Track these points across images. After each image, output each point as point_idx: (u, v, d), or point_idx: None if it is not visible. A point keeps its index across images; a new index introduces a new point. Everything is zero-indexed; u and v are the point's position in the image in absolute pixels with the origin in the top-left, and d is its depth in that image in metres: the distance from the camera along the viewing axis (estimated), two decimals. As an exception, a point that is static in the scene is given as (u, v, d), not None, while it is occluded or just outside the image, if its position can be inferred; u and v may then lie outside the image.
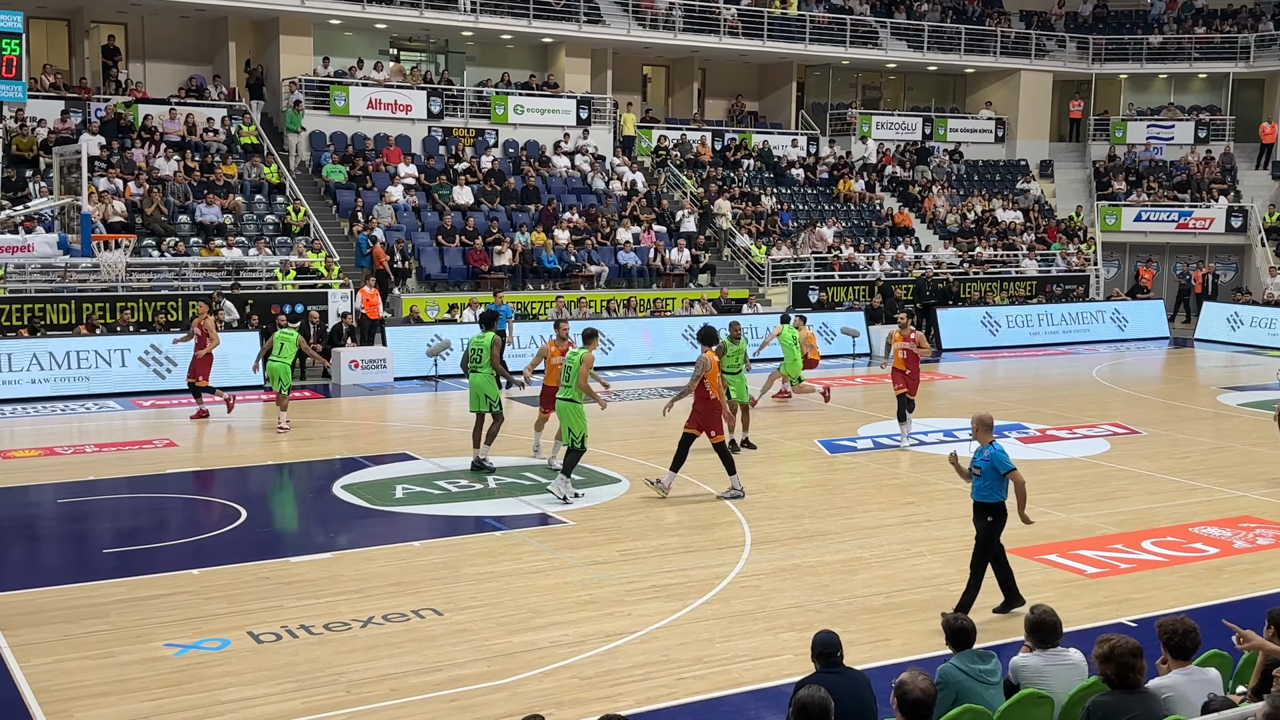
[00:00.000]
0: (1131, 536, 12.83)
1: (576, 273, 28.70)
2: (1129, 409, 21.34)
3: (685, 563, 11.84)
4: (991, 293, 32.62)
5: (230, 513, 13.60)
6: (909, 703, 5.87)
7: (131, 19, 31.46)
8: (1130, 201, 38.58)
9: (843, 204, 36.24)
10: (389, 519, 13.42)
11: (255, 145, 29.76)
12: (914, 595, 10.87)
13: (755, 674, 9.04)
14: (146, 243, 25.08)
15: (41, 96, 27.93)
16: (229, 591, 10.82)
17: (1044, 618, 7.05)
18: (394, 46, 35.09)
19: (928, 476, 15.58)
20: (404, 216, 28.71)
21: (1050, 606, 7.25)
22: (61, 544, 12.89)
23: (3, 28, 15.30)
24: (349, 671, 9.01)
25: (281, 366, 17.90)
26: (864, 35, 39.09)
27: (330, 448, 17.42)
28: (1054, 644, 7.02)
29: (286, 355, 17.91)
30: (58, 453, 16.72)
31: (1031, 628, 7.05)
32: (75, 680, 8.81)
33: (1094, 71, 42.08)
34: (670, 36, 35.64)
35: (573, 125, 34.05)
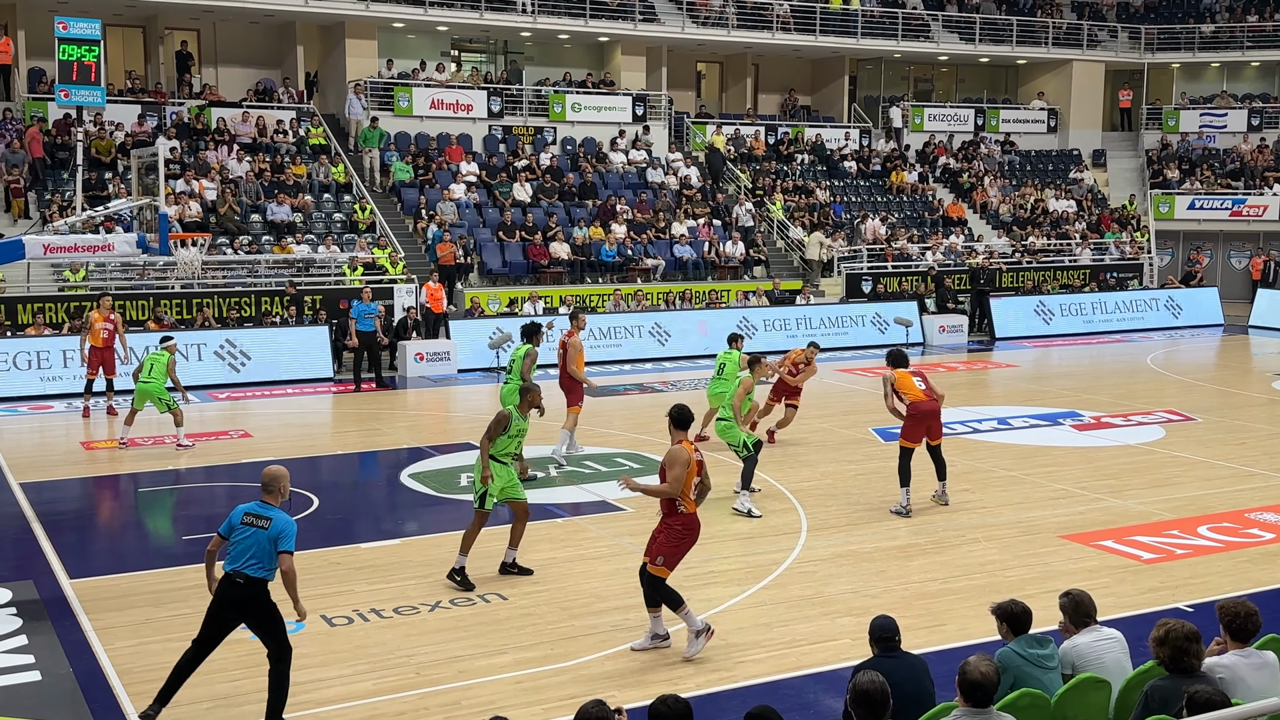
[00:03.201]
0: (1188, 522, 12.88)
1: (633, 266, 28.99)
2: (1184, 396, 21.28)
3: (742, 549, 12.05)
4: (1045, 282, 32.52)
5: (302, 500, 13.97)
6: (967, 684, 5.91)
7: (204, 25, 32.24)
8: (1183, 190, 38.27)
9: (895, 195, 36.25)
10: (454, 506, 13.74)
11: (323, 146, 30.37)
12: (969, 581, 10.99)
13: (814, 658, 9.18)
14: (220, 241, 25.76)
15: (119, 101, 28.72)
16: (302, 576, 10.88)
17: (1079, 598, 7.13)
18: (455, 48, 35.58)
19: (982, 463, 15.70)
20: (466, 213, 29.18)
21: (1079, 587, 7.34)
22: (143, 531, 13.31)
23: (81, 35, 15.76)
24: (418, 654, 9.27)
25: (154, 387, 16.55)
26: (916, 28, 39.01)
27: (397, 438, 17.83)
28: (1090, 623, 7.07)
29: (157, 375, 16.57)
30: (139, 443, 17.17)
31: (1068, 610, 7.12)
32: (157, 662, 9.05)
33: (1146, 61, 41.71)
34: (724, 33, 35.80)
35: (629, 122, 34.32)
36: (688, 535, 9.33)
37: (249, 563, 7.92)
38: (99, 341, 19.03)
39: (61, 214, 22.52)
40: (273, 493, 8.15)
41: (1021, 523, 12.98)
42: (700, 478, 9.36)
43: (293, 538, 8.03)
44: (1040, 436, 17.65)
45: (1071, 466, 15.65)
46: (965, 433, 17.81)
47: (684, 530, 9.30)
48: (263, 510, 8.06)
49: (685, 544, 9.34)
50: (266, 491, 8.15)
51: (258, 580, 7.96)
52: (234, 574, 7.96)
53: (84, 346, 19.13)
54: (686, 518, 9.29)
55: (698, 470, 9.32)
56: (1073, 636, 7.07)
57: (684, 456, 9.20)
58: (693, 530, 9.35)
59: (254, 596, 7.98)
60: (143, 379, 16.69)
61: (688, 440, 9.43)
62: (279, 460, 16.00)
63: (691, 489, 9.28)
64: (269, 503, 8.12)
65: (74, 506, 14.18)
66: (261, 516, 8.02)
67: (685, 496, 9.25)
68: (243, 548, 7.94)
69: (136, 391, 16.82)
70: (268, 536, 7.93)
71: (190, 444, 16.90)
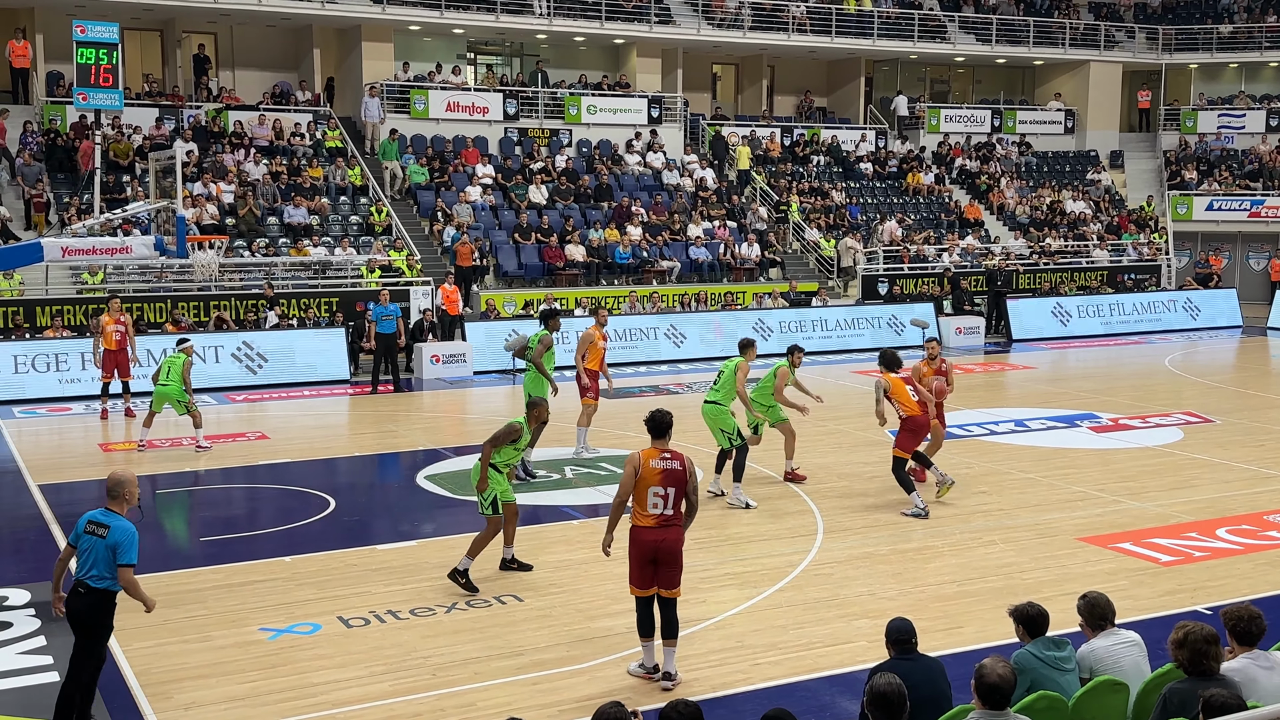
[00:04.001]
0: (1206, 525, 12.82)
1: (649, 268, 29.00)
2: (1202, 398, 21.20)
3: (759, 551, 12.04)
4: (1062, 283, 32.42)
5: (320, 502, 14.05)
6: (985, 686, 5.90)
7: (221, 29, 32.40)
8: (1201, 191, 38.11)
9: (911, 197, 36.18)
10: (471, 508, 13.66)
11: (340, 149, 30.47)
12: (986, 583, 10.97)
13: (830, 660, 9.17)
14: (238, 243, 25.86)
15: (137, 104, 28.89)
16: (319, 578, 11.20)
17: (1094, 600, 7.10)
18: (471, 50, 35.66)
19: (999, 465, 15.65)
20: (482, 215, 29.23)
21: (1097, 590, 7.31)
22: (161, 533, 13.32)
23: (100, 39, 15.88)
24: (434, 655, 9.29)
25: (172, 390, 16.54)
26: (932, 29, 38.95)
27: (413, 439, 17.87)
28: (1107, 625, 7.05)
29: (174, 378, 16.56)
30: (156, 445, 17.26)
31: (1084, 613, 7.10)
32: (175, 663, 9.16)
33: (1164, 61, 41.57)
34: (739, 35, 35.80)
35: (644, 124, 34.34)
36: (634, 550, 8.71)
37: (89, 572, 7.69)
38: (111, 344, 19.11)
39: (80, 217, 22.65)
40: (117, 499, 7.85)
41: (1039, 525, 12.94)
42: (667, 489, 8.63)
43: (132, 548, 7.69)
44: (1058, 438, 17.59)
45: (1089, 468, 15.59)
46: (982, 435, 17.77)
47: (632, 544, 8.73)
48: (103, 518, 7.77)
49: (634, 559, 8.71)
50: (111, 498, 7.86)
51: (99, 591, 7.70)
52: (78, 583, 7.73)
53: (97, 350, 19.25)
54: (633, 530, 8.70)
55: (662, 481, 8.64)
56: (1090, 640, 7.05)
57: (634, 461, 8.69)
58: (639, 545, 8.65)
59: (93, 606, 7.71)
60: (160, 382, 16.71)
61: (655, 448, 8.77)
62: (298, 462, 16.21)
63: (648, 499, 8.65)
64: (113, 509, 7.82)
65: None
66: (101, 525, 7.73)
67: (637, 507, 8.68)
68: (84, 557, 7.73)
69: (155, 394, 16.85)
70: (105, 545, 7.65)
71: (209, 445, 16.94)
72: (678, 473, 8.65)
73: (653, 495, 8.61)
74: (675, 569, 8.74)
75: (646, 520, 8.65)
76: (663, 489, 8.61)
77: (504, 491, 10.95)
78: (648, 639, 8.80)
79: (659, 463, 8.66)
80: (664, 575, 8.70)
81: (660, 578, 8.71)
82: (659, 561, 8.67)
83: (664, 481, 8.62)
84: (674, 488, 8.64)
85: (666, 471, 8.64)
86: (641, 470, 8.63)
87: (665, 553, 8.67)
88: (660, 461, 8.66)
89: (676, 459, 8.71)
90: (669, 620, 8.75)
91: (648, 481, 8.62)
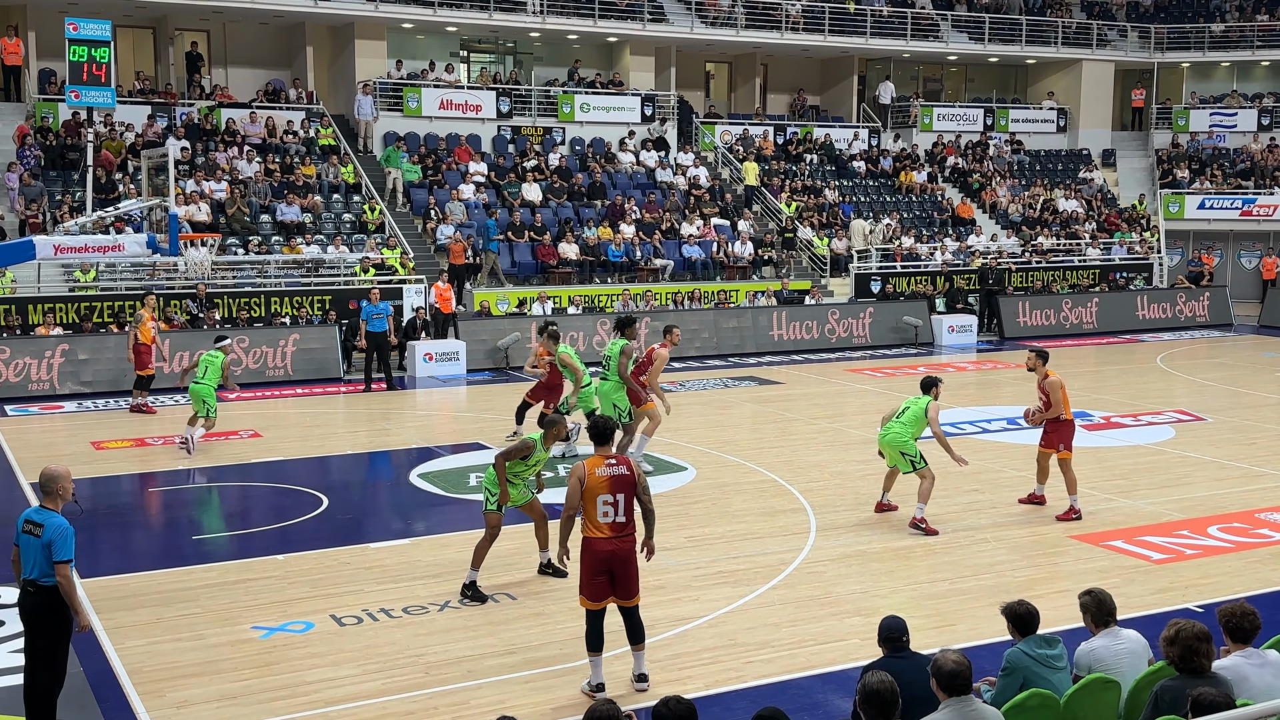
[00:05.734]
0: (1197, 523, 12.86)
1: (642, 267, 29.01)
2: (1194, 396, 21.25)
3: (751, 549, 12.05)
4: (1054, 281, 32.47)
5: (312, 500, 14.05)
6: (945, 676, 5.99)
7: (213, 26, 32.34)
8: (1193, 189, 38.20)
9: (904, 195, 36.23)
10: (463, 506, 13.76)
11: (333, 146, 30.44)
12: (978, 581, 10.99)
13: (822, 658, 9.20)
14: (230, 241, 25.83)
15: (129, 102, 28.80)
16: (312, 576, 11.21)
17: (1101, 597, 7.14)
18: (464, 48, 35.64)
19: (991, 464, 15.67)
20: (475, 213, 29.21)
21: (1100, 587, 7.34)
22: (153, 531, 13.35)
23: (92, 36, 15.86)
24: (427, 653, 9.30)
25: (206, 389, 16.63)
26: (925, 28, 38.99)
27: (406, 438, 17.86)
28: (1111, 623, 7.09)
29: (211, 378, 16.71)
30: (148, 443, 17.28)
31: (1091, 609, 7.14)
32: (168, 661, 9.17)
33: (1156, 60, 41.66)
34: (733, 33, 35.81)
35: (637, 122, 34.35)
36: (587, 561, 8.47)
37: (33, 572, 7.63)
38: (148, 338, 19.48)
39: (72, 215, 22.61)
40: (50, 494, 7.77)
41: (1031, 523, 12.97)
42: (616, 496, 8.42)
43: (68, 545, 7.58)
44: (1050, 437, 17.59)
45: (1081, 466, 15.47)
46: (975, 433, 17.80)
47: (585, 555, 8.49)
48: (38, 516, 7.69)
49: (587, 570, 8.47)
50: (44, 494, 7.80)
51: (47, 588, 7.62)
52: (26, 583, 7.68)
53: (131, 343, 19.48)
54: (586, 541, 8.46)
55: (610, 488, 8.42)
56: (1093, 638, 7.07)
57: (578, 471, 8.49)
58: (593, 557, 8.41)
59: (41, 605, 7.64)
60: (196, 379, 16.81)
61: (599, 455, 8.62)
62: (291, 460, 16.22)
63: (598, 508, 8.42)
64: (47, 507, 7.74)
65: (85, 508, 14.18)
66: (36, 524, 7.64)
67: (588, 519, 8.44)
68: (26, 557, 7.68)
69: (190, 392, 16.94)
70: (41, 544, 7.57)
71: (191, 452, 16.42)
72: (625, 478, 8.50)
73: (603, 504, 8.41)
74: (631, 578, 8.54)
75: (600, 531, 8.43)
76: (612, 496, 8.42)
77: (519, 498, 10.84)
78: (596, 654, 8.54)
79: (605, 470, 8.48)
80: (621, 587, 8.51)
81: (617, 589, 8.51)
82: (614, 573, 8.47)
83: (612, 488, 8.44)
84: (623, 493, 8.47)
85: (614, 478, 8.47)
86: (587, 479, 8.44)
87: (620, 563, 8.47)
88: (606, 469, 8.49)
89: (622, 464, 8.58)
90: (634, 627, 8.61)
91: (595, 490, 8.42)
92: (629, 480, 8.49)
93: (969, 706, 5.96)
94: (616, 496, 8.44)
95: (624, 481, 8.48)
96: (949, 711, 5.95)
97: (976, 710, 5.99)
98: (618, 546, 8.45)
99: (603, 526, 8.43)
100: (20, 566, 7.81)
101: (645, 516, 8.65)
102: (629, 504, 8.50)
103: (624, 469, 8.52)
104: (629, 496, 8.50)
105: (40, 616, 7.68)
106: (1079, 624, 9.42)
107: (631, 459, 8.86)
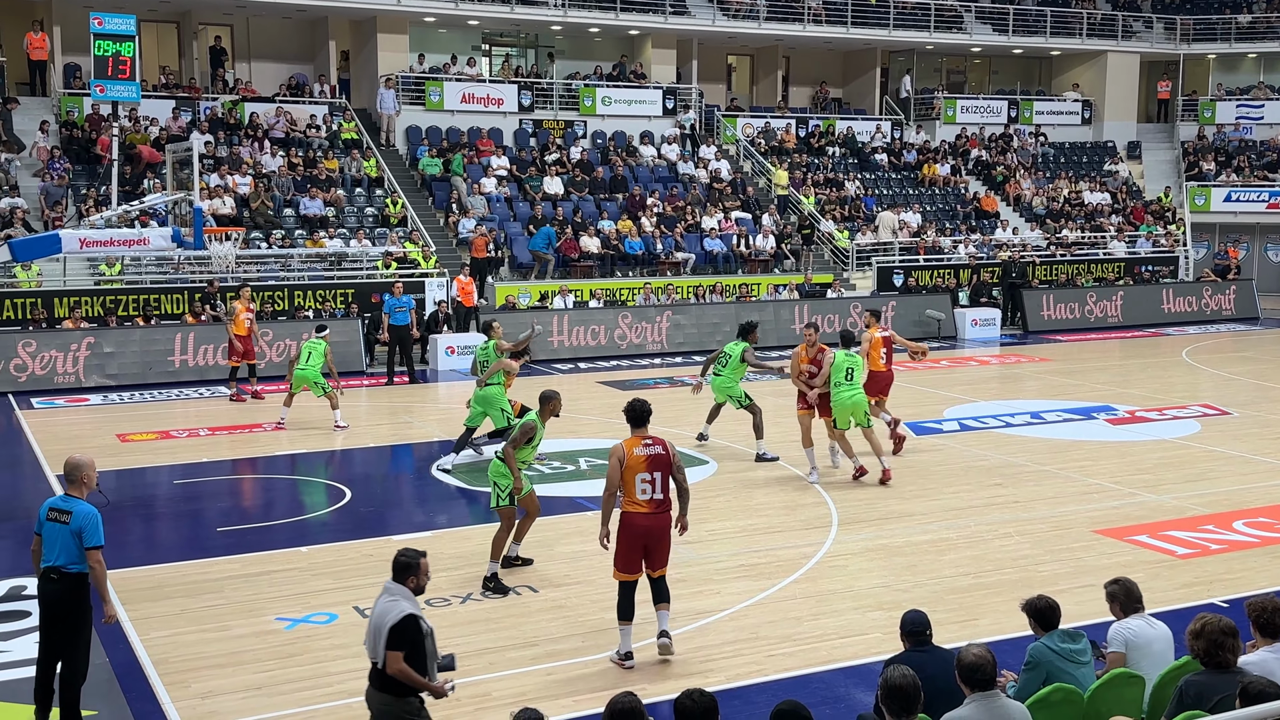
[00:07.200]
0: (1223, 517, 12.80)
1: (663, 260, 28.99)
2: (1219, 390, 21.12)
3: (773, 543, 12.05)
4: (1079, 275, 32.31)
5: (335, 493, 14.13)
6: (966, 668, 5.96)
7: (237, 20, 32.50)
8: (1220, 182, 37.90)
9: (927, 188, 36.08)
10: (485, 499, 13.76)
11: (355, 140, 30.52)
12: (1002, 576, 10.96)
13: (844, 652, 9.18)
14: (254, 235, 25.93)
15: (153, 97, 29.00)
16: (335, 568, 11.26)
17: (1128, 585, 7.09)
18: (486, 42, 35.69)
19: (1014, 458, 15.62)
20: (496, 207, 29.25)
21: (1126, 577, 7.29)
22: (178, 523, 13.43)
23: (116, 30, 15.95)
24: (449, 645, 9.16)
25: (310, 373, 17.52)
26: (949, 20, 38.82)
27: (428, 431, 17.92)
28: (1141, 609, 7.05)
29: (314, 364, 17.53)
30: (173, 436, 17.39)
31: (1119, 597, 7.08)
32: (192, 652, 9.23)
33: (1182, 52, 41.34)
34: (754, 26, 35.74)
35: (659, 115, 34.33)
36: (625, 535, 8.92)
37: (59, 559, 7.71)
38: (242, 330, 19.92)
39: (96, 209, 22.73)
40: (75, 483, 7.87)
41: (1054, 517, 12.92)
42: (653, 474, 8.86)
43: (97, 531, 7.71)
44: (1074, 431, 17.55)
45: (1105, 461, 15.56)
46: (998, 427, 17.73)
47: (622, 530, 8.94)
48: (64, 504, 7.79)
49: (624, 544, 8.92)
50: (69, 483, 7.89)
51: (73, 575, 7.70)
52: (49, 570, 7.74)
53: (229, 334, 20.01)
54: (625, 516, 8.91)
55: (648, 466, 8.86)
56: (1126, 619, 7.02)
57: (618, 452, 8.92)
58: (631, 531, 8.87)
59: (69, 591, 7.72)
60: (300, 365, 17.54)
61: (636, 436, 9.00)
62: (314, 453, 16.29)
63: (636, 486, 8.85)
64: (73, 495, 7.85)
65: (110, 498, 14.27)
66: (63, 511, 7.74)
67: (627, 494, 8.89)
68: (51, 545, 7.75)
69: (294, 377, 17.69)
70: (70, 531, 7.66)
71: (346, 425, 17.67)
72: (662, 457, 8.93)
73: (641, 482, 8.87)
74: (664, 552, 9.04)
75: (639, 507, 8.88)
76: (649, 474, 8.87)
77: (526, 486, 10.89)
78: (626, 623, 8.98)
79: (642, 450, 8.93)
80: (653, 559, 9.00)
81: (650, 561, 8.99)
82: (649, 547, 8.94)
83: (650, 467, 8.88)
84: (660, 472, 8.91)
85: (651, 457, 8.91)
86: (627, 459, 8.88)
87: (656, 538, 8.95)
88: (643, 449, 8.93)
89: (658, 444, 8.99)
90: (660, 590, 9.06)
91: (634, 469, 8.87)
92: (665, 459, 8.93)
93: (995, 702, 5.94)
94: (654, 475, 8.88)
95: (660, 461, 8.91)
96: (975, 706, 5.92)
97: (1002, 705, 5.96)
98: (654, 522, 8.90)
99: (641, 503, 8.87)
100: (39, 556, 7.87)
101: (680, 495, 9.09)
102: (665, 482, 8.93)
103: (660, 449, 8.95)
104: (665, 475, 8.93)
105: (63, 604, 7.73)
106: (1103, 619, 9.40)
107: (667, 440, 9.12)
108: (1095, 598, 10.17)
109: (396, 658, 6.49)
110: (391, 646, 6.45)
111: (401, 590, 6.72)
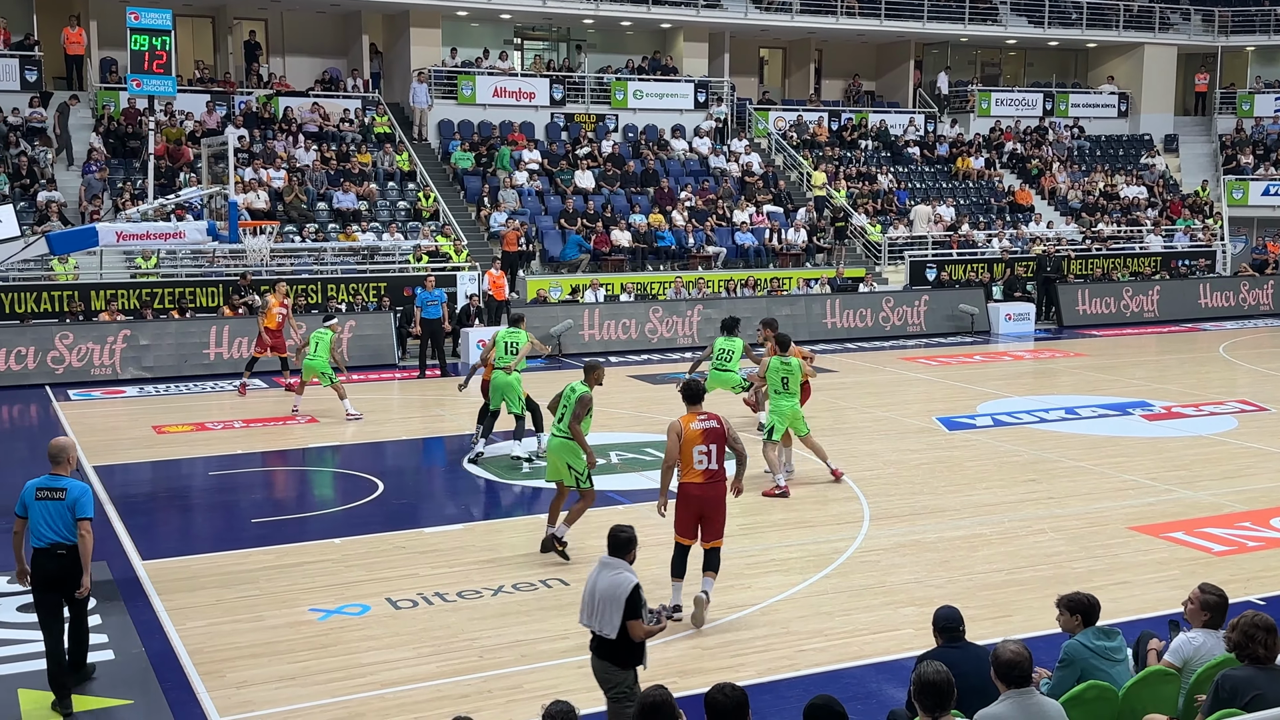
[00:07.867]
0: (1260, 514, 12.67)
1: (694, 254, 28.96)
2: (1257, 386, 20.91)
3: (804, 537, 12.03)
4: (1115, 269, 32.04)
5: (368, 485, 14.17)
6: (1003, 665, 5.92)
7: (271, 15, 32.69)
8: (1258, 175, 37.49)
9: (961, 182, 35.87)
10: (515, 492, 13.85)
11: (388, 134, 30.65)
12: (1035, 572, 10.89)
13: (876, 647, 9.15)
14: (288, 229, 26.09)
15: (189, 91, 29.23)
16: (368, 560, 11.32)
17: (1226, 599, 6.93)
18: (518, 36, 35.74)
19: (1048, 454, 15.52)
20: (528, 201, 29.30)
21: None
22: (213, 514, 13.52)
23: (153, 25, 16.06)
24: (481, 637, 9.37)
25: (318, 363, 17.83)
26: (983, 11, 38.56)
27: (460, 424, 17.94)
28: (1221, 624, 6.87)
29: (321, 354, 17.82)
30: (208, 428, 17.50)
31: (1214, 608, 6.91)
32: (228, 642, 9.30)
33: (1220, 44, 40.91)
34: (787, 19, 35.61)
35: (690, 109, 34.27)
36: (682, 503, 9.62)
37: (59, 533, 8.02)
38: (273, 324, 20.22)
39: (133, 202, 22.91)
40: (61, 463, 8.23)
41: (1089, 514, 12.83)
42: (709, 446, 9.52)
43: (90, 504, 8.11)
44: (1109, 426, 17.41)
45: (1141, 457, 15.43)
46: (1032, 423, 17.62)
47: (680, 499, 9.64)
48: (55, 483, 8.14)
49: (681, 511, 9.62)
50: (55, 463, 8.24)
51: (72, 546, 8.03)
52: (52, 547, 8.02)
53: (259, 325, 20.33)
54: (683, 485, 9.60)
55: (704, 439, 9.51)
56: (1197, 633, 6.86)
57: (675, 428, 9.60)
58: (687, 499, 9.59)
59: (74, 563, 8.04)
60: (309, 355, 17.94)
61: (691, 412, 9.70)
62: (347, 446, 16.38)
63: (693, 457, 9.49)
64: (59, 474, 8.20)
65: (146, 490, 14.45)
66: (56, 489, 8.10)
67: (685, 466, 9.54)
68: (46, 523, 8.02)
69: (304, 366, 18.12)
70: (65, 506, 8.03)
71: (358, 415, 17.97)
72: (716, 430, 9.59)
73: (697, 454, 9.52)
74: (719, 522, 9.69)
75: (695, 477, 9.54)
76: (705, 446, 9.52)
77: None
78: (678, 579, 9.65)
79: (699, 424, 9.59)
80: (708, 529, 9.63)
81: (705, 531, 9.62)
82: (705, 515, 9.60)
83: (706, 439, 9.53)
84: (715, 444, 9.56)
85: (706, 430, 9.56)
86: (684, 433, 9.56)
87: (711, 507, 9.60)
88: (700, 423, 9.60)
89: (713, 419, 9.67)
90: (712, 560, 9.67)
91: (692, 442, 9.53)
92: (720, 432, 9.60)
93: (1030, 699, 5.89)
94: (709, 446, 9.55)
95: (715, 434, 9.58)
96: (1010, 703, 5.89)
97: (1038, 703, 5.92)
98: (708, 491, 9.55)
99: (698, 474, 9.53)
100: (21, 539, 8.18)
101: (739, 460, 9.90)
102: (720, 453, 9.60)
103: (714, 423, 9.62)
104: (720, 447, 9.60)
105: (71, 577, 8.04)
106: (1138, 616, 9.37)
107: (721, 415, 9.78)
108: (1130, 595, 10.15)
109: (638, 624, 7.07)
110: (630, 616, 7.02)
111: (622, 564, 7.29)
